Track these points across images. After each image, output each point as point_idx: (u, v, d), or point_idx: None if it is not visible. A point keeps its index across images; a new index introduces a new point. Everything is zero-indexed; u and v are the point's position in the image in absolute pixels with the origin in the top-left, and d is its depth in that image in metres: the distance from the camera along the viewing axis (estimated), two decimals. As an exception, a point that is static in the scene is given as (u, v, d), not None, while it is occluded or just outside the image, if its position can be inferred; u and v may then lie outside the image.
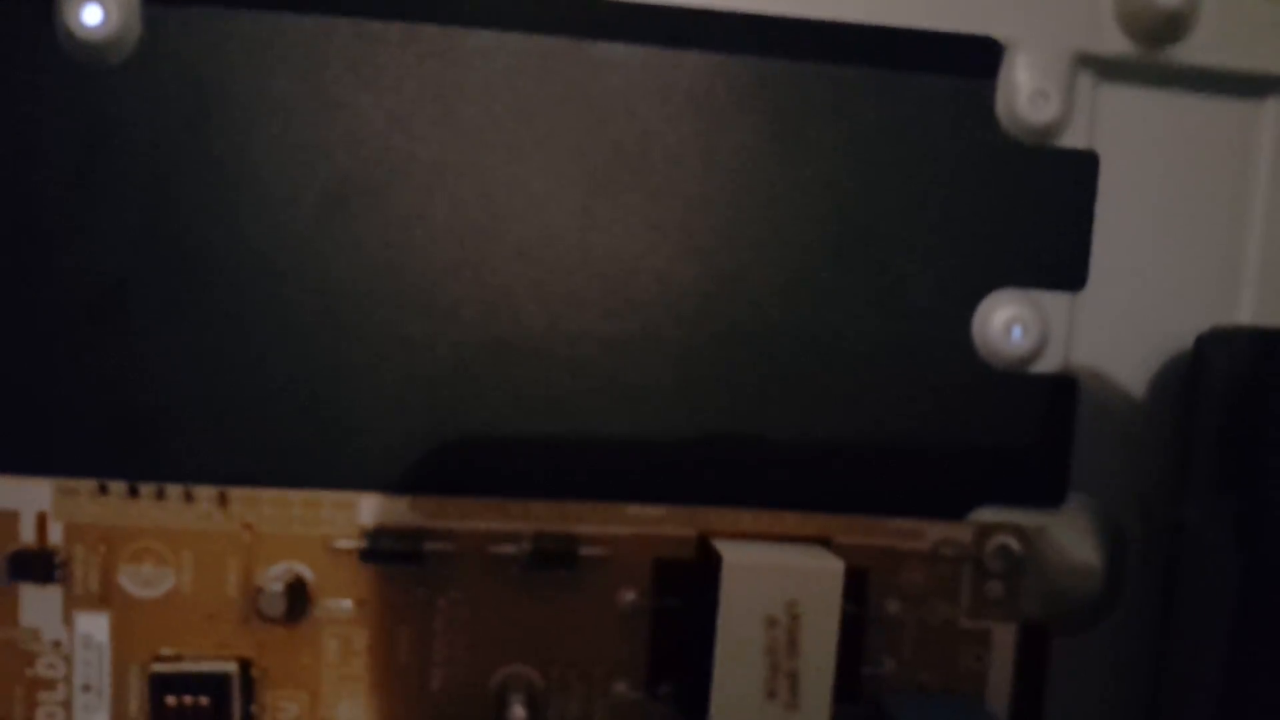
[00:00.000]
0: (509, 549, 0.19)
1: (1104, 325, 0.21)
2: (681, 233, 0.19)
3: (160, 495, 0.18)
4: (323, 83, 0.18)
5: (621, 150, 0.19)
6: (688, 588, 0.19)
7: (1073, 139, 0.20)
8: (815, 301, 0.20)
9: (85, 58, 0.18)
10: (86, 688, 0.19)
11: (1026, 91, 0.20)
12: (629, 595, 0.20)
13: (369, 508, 0.19)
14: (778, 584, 0.18)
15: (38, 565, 0.18)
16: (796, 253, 0.20)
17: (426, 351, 0.19)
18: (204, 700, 0.18)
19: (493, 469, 0.19)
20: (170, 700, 0.18)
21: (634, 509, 0.20)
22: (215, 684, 0.18)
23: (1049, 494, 0.20)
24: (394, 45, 0.19)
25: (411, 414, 0.19)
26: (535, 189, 0.19)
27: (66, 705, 0.19)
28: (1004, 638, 0.20)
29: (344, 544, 0.19)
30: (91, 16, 0.18)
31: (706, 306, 0.19)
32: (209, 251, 0.19)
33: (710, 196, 0.19)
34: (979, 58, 0.20)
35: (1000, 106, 0.20)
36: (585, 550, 0.19)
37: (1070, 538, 0.20)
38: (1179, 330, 0.21)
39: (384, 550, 0.19)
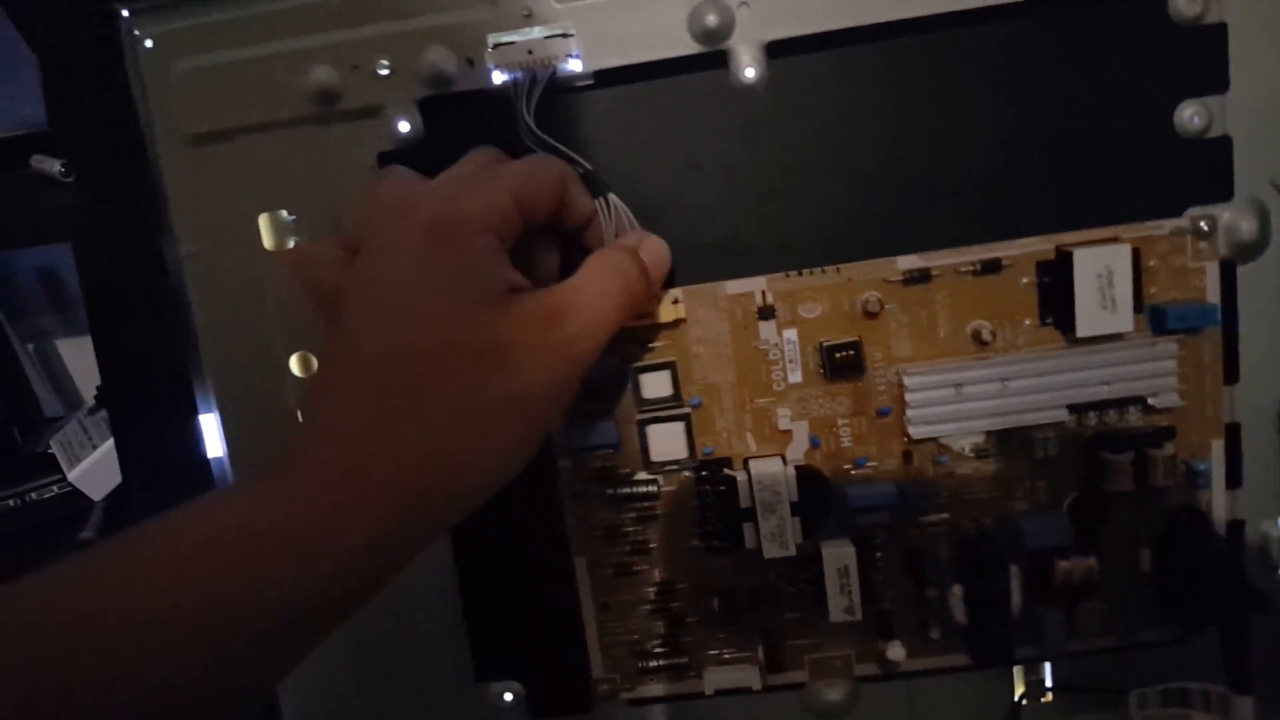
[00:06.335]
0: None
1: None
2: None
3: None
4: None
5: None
6: (1057, 274, 0.42)
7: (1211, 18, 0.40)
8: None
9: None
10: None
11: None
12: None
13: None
14: (1103, 259, 0.40)
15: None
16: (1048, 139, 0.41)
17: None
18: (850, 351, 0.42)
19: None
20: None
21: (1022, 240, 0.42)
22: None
23: (1224, 193, 0.41)
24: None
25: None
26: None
27: (786, 372, 0.43)
28: (1213, 267, 0.42)
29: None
30: (749, 72, 0.41)
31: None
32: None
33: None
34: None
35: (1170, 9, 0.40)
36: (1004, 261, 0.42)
37: (1237, 213, 0.41)
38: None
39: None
